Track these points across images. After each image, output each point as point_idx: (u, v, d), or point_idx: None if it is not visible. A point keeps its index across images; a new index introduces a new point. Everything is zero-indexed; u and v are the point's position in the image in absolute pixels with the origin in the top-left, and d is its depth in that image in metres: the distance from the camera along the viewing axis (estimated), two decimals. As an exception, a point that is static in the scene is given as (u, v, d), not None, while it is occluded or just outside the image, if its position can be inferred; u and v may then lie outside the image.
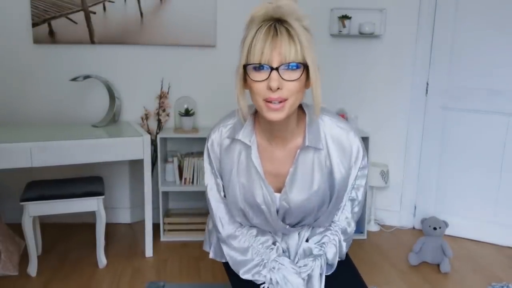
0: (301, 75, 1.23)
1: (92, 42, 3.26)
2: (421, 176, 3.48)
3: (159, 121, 3.37)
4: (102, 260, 2.83)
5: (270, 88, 1.21)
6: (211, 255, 1.70)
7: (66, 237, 3.25)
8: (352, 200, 1.54)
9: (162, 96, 3.35)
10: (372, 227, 3.49)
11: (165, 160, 3.31)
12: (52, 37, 3.22)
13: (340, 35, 3.36)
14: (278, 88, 1.21)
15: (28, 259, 2.70)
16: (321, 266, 1.51)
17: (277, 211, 1.46)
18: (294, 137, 1.40)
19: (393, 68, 3.41)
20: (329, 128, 1.40)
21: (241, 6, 3.12)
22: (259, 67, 1.22)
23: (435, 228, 2.93)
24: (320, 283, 1.50)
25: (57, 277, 2.71)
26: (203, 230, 3.29)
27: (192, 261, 2.95)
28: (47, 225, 3.21)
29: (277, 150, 1.42)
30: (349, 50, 3.41)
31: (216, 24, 3.31)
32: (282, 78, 1.21)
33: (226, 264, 1.65)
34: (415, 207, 3.54)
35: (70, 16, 3.20)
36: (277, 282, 1.47)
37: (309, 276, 1.50)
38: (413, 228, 3.55)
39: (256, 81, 1.23)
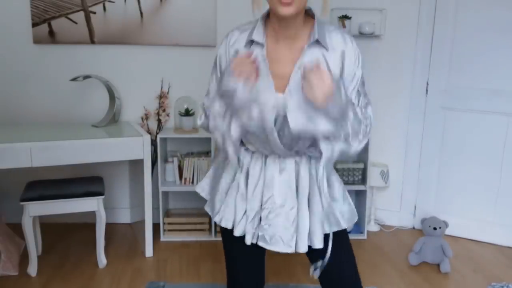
0: None
1: (92, 42, 3.26)
2: (421, 176, 3.48)
3: (159, 121, 3.37)
4: (102, 260, 2.83)
5: None
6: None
7: (66, 237, 3.25)
8: (366, 105, 1.54)
9: (162, 96, 3.35)
10: (372, 227, 3.49)
11: (165, 160, 3.31)
12: (52, 37, 3.22)
13: (340, 35, 3.36)
14: None
15: (28, 259, 2.70)
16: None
17: (276, 121, 1.45)
18: (300, 37, 1.49)
19: (393, 68, 3.41)
20: (334, 34, 1.50)
21: (241, 6, 3.12)
22: None
23: (435, 228, 2.93)
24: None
25: (57, 277, 2.71)
26: (203, 230, 3.30)
27: (192, 261, 2.95)
28: (47, 225, 3.21)
29: (284, 50, 1.49)
30: (349, 50, 3.41)
31: (216, 24, 3.31)
32: None
33: (223, 233, 1.66)
34: (415, 207, 3.54)
35: (70, 16, 3.20)
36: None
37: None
38: (413, 228, 3.55)
39: None
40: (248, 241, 1.54)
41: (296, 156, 1.53)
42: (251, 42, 1.49)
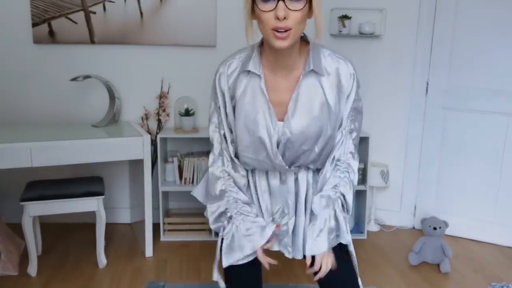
0: (304, 6, 1.36)
1: (92, 42, 3.26)
2: (421, 176, 3.47)
3: (159, 121, 3.37)
4: (102, 260, 2.83)
5: (277, 18, 1.32)
6: (193, 192, 1.85)
7: (66, 237, 3.25)
8: (351, 132, 1.59)
9: (162, 96, 3.35)
10: (372, 227, 3.49)
11: (165, 160, 3.31)
12: (52, 37, 3.22)
13: (340, 35, 3.36)
14: (284, 18, 1.32)
15: (28, 259, 2.70)
16: (341, 209, 1.57)
17: (278, 145, 1.51)
18: (296, 66, 1.49)
19: (393, 68, 3.41)
20: (329, 58, 1.50)
21: (241, 6, 3.12)
22: None
23: (435, 228, 2.93)
24: (346, 226, 1.57)
25: (57, 277, 2.71)
26: (203, 230, 3.30)
27: (192, 261, 2.95)
28: (47, 225, 3.21)
29: (281, 79, 1.50)
30: (349, 50, 3.40)
31: (216, 24, 3.31)
32: (288, 8, 1.33)
33: (226, 271, 1.69)
34: (415, 207, 3.54)
35: (70, 16, 3.20)
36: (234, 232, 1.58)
37: (334, 223, 1.56)
38: (413, 228, 3.55)
39: (264, 11, 1.35)
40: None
41: (295, 169, 1.58)
42: (247, 72, 1.51)
